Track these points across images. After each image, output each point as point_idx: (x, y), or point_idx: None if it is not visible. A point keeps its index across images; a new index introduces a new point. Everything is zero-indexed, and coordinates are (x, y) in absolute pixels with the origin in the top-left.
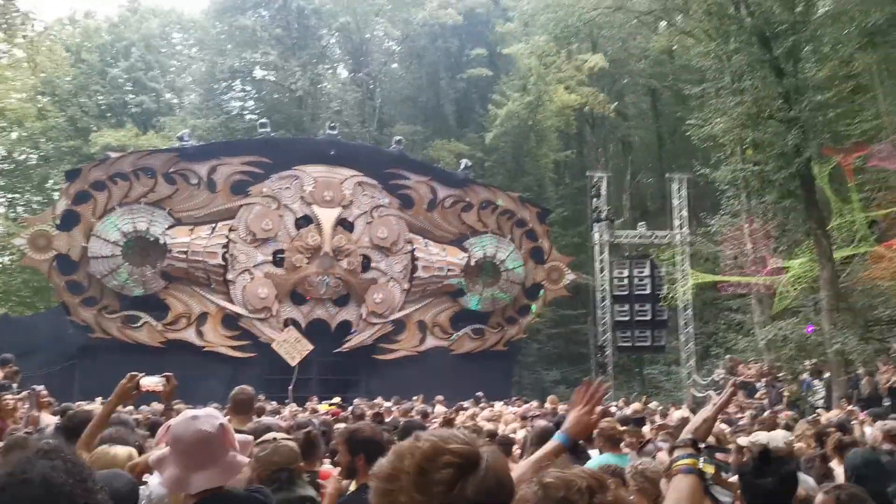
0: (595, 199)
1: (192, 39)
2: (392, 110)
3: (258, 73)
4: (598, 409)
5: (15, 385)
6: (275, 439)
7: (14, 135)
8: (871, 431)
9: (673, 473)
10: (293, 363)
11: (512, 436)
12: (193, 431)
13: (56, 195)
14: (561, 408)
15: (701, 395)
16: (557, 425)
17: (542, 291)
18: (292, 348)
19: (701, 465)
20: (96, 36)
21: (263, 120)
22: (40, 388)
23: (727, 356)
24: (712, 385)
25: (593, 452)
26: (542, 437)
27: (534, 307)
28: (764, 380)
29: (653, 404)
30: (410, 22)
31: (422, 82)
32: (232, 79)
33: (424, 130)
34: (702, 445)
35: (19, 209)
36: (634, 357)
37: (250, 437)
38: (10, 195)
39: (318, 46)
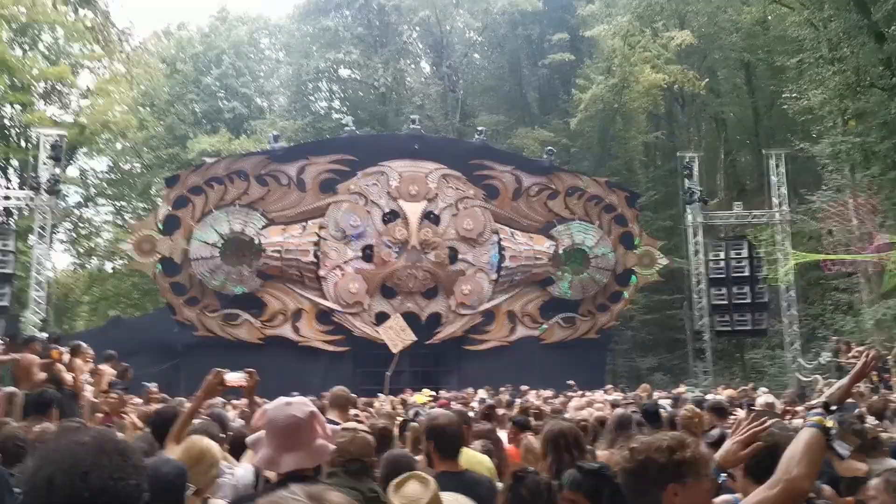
0: (687, 180)
1: (278, 44)
2: (475, 101)
3: (343, 72)
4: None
5: (125, 383)
6: (355, 430)
7: (118, 146)
8: None
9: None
10: (395, 350)
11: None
12: (286, 416)
13: (159, 201)
14: (656, 395)
15: (807, 379)
16: (644, 413)
17: (634, 277)
18: (396, 336)
19: (826, 422)
20: (189, 46)
21: (348, 118)
22: (152, 385)
23: (834, 338)
24: (818, 368)
25: None
26: (621, 424)
27: (625, 293)
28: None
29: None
30: (490, 11)
31: (503, 71)
32: (318, 80)
33: (508, 120)
34: (833, 407)
35: (126, 216)
36: (734, 342)
37: (338, 427)
38: (117, 203)
39: (399, 42)
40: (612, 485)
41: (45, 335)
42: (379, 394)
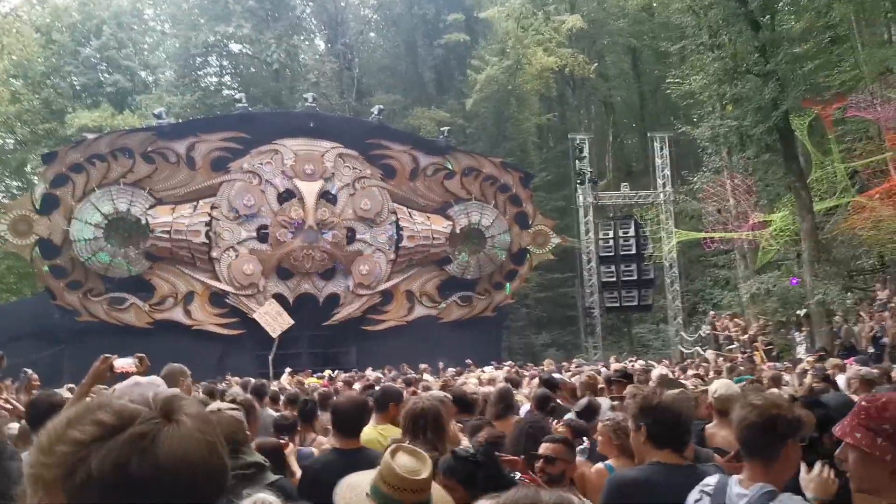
0: (578, 162)
1: (164, 15)
2: (371, 80)
3: (234, 47)
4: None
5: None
6: (219, 410)
7: None
8: (843, 379)
9: None
10: (274, 335)
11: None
12: (136, 397)
13: (35, 179)
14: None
15: (688, 351)
16: (545, 384)
17: (527, 255)
18: (273, 320)
19: None
20: (66, 15)
21: (240, 95)
22: (30, 371)
23: (712, 312)
24: (699, 341)
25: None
26: (503, 398)
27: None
28: (748, 334)
29: (638, 363)
30: None
31: (399, 50)
32: (207, 54)
33: (404, 99)
34: None
35: (0, 195)
36: (623, 317)
37: None
38: None
39: (292, 17)
40: (485, 468)
41: None
42: (271, 379)
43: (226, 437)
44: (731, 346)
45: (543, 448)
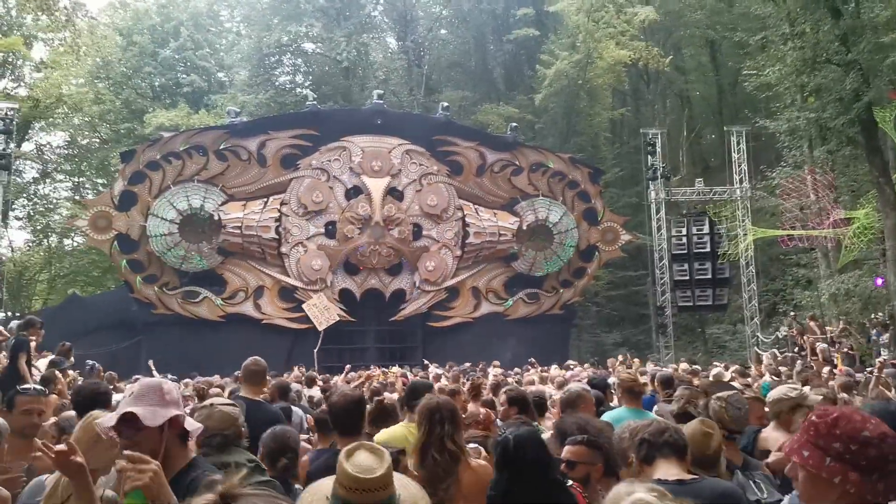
0: (650, 157)
1: (238, 16)
2: (440, 76)
3: (306, 46)
4: None
5: (69, 361)
6: (212, 405)
7: (76, 120)
8: None
9: None
10: (320, 328)
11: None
12: (153, 380)
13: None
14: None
15: (765, 353)
16: (594, 386)
17: (596, 253)
18: (321, 314)
19: None
20: (146, 18)
21: (309, 93)
22: (96, 364)
23: (792, 313)
24: (777, 343)
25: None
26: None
27: (589, 269)
28: (829, 336)
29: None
30: None
31: (469, 46)
32: (280, 53)
33: (473, 95)
34: None
35: (85, 192)
36: (696, 317)
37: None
38: (75, 178)
39: (362, 15)
40: (503, 445)
41: None
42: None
43: (217, 432)
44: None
45: (566, 451)
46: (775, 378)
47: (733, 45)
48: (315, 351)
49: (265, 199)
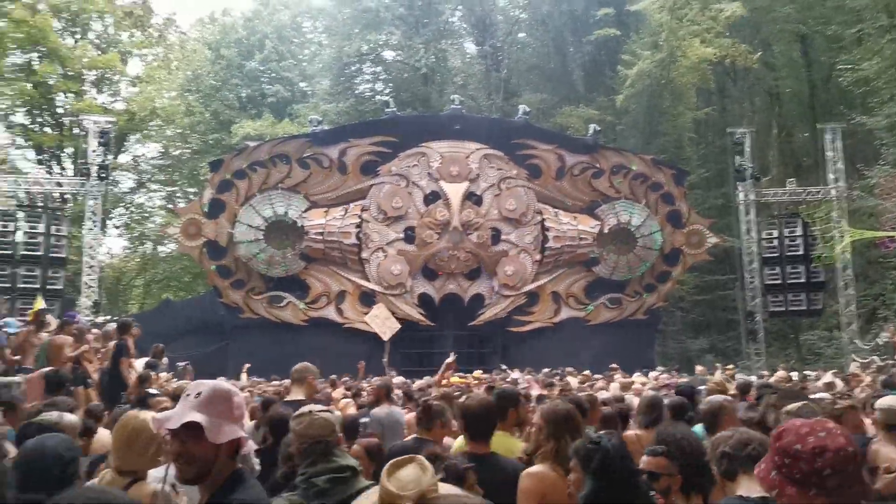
0: (738, 157)
1: (320, 27)
2: (519, 80)
3: (386, 54)
4: None
5: (162, 363)
6: (311, 412)
7: (168, 132)
8: None
9: None
10: (385, 338)
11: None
12: (222, 385)
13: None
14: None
15: (864, 360)
16: (680, 393)
17: (681, 256)
18: (383, 324)
19: None
20: (233, 32)
21: (388, 100)
22: (189, 365)
23: (890, 318)
24: (877, 350)
25: None
26: (650, 407)
27: (673, 273)
28: None
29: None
30: None
31: (548, 49)
32: (361, 62)
33: (552, 98)
34: None
35: (177, 200)
36: (789, 322)
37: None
38: (168, 188)
39: (440, 22)
40: (603, 451)
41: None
42: (391, 373)
43: (316, 439)
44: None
45: (645, 462)
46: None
47: (826, 39)
48: (384, 361)
49: (346, 206)
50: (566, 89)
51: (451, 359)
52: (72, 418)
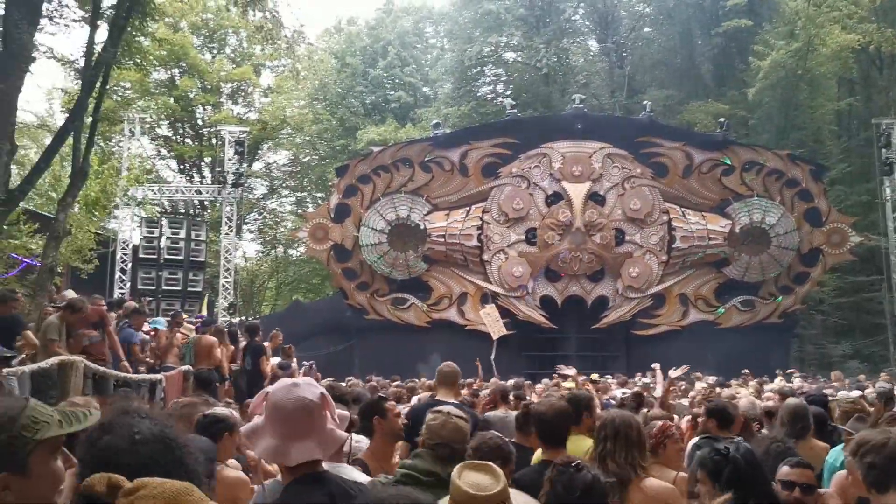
0: (884, 150)
1: (442, 31)
2: (643, 76)
3: (508, 55)
4: None
5: (293, 363)
6: (448, 413)
7: (298, 140)
8: None
9: None
10: (495, 337)
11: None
12: (294, 398)
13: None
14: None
15: None
16: (813, 402)
17: (821, 257)
18: (494, 324)
19: None
20: (357, 40)
21: (509, 101)
22: (313, 365)
23: None
24: None
25: None
26: (794, 415)
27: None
28: None
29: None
30: None
31: (674, 43)
32: (482, 64)
33: (678, 94)
34: None
35: (307, 205)
36: None
37: (346, 413)
38: (298, 194)
39: (562, 21)
40: (734, 462)
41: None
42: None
43: (446, 442)
44: None
45: (791, 474)
46: None
47: None
48: (492, 359)
49: (467, 208)
50: (693, 84)
51: (570, 372)
52: (237, 415)
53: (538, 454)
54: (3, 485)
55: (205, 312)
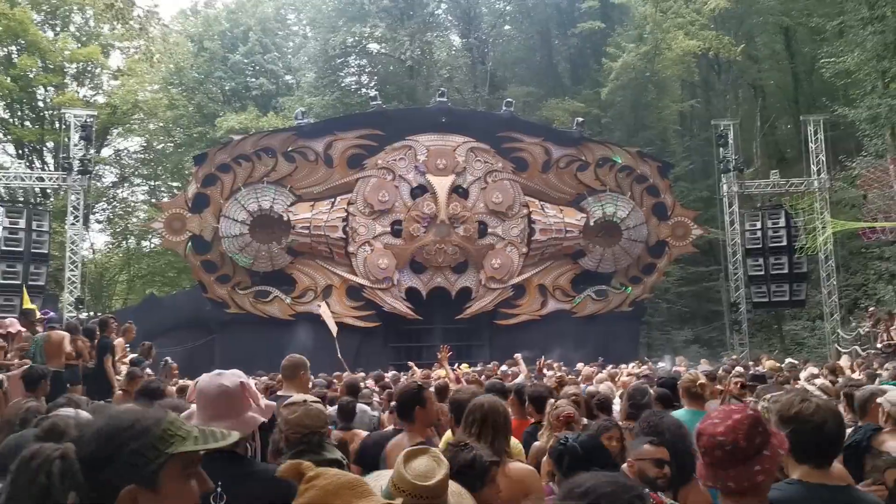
0: (722, 149)
1: (305, 19)
2: (505, 73)
3: (372, 46)
4: None
5: (149, 361)
6: (305, 402)
7: (151, 126)
8: None
9: None
10: (334, 334)
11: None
12: (216, 386)
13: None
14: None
15: (846, 350)
16: (662, 385)
17: (666, 248)
18: (330, 321)
19: None
20: (216, 24)
21: (374, 93)
22: (170, 360)
23: (871, 308)
24: (858, 339)
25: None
26: (632, 396)
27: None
28: None
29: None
30: None
31: (534, 42)
32: (346, 55)
33: (538, 91)
34: None
35: (161, 195)
36: (773, 313)
37: (273, 403)
38: (151, 182)
39: (425, 14)
40: (570, 452)
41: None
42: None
43: (311, 430)
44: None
45: (647, 452)
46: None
47: (809, 31)
48: (339, 357)
49: (332, 200)
50: (552, 82)
51: (444, 353)
52: (87, 415)
53: (447, 437)
54: (131, 497)
55: (29, 307)
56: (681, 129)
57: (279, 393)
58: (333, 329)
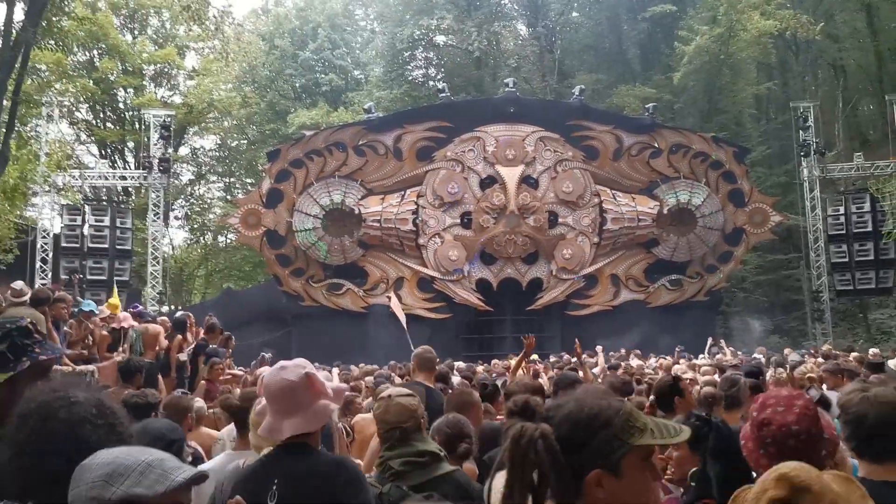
0: (802, 132)
1: (372, 14)
2: (573, 61)
3: (438, 38)
4: None
5: (228, 351)
6: (389, 396)
7: (226, 124)
8: None
9: None
10: (405, 325)
11: None
12: (279, 380)
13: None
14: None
15: None
16: (748, 374)
17: (743, 236)
18: (400, 313)
19: None
20: (286, 22)
21: (442, 85)
22: (268, 355)
23: None
24: None
25: None
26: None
27: (736, 253)
28: None
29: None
30: None
31: (602, 28)
32: (413, 48)
33: (607, 78)
34: None
35: (236, 191)
36: (857, 302)
37: (344, 385)
38: (226, 179)
39: (493, 4)
40: (716, 428)
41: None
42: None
43: (394, 425)
44: None
45: None
46: None
47: (893, 6)
48: (412, 348)
49: (402, 192)
50: (622, 69)
51: (530, 342)
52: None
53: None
54: (597, 480)
55: (114, 301)
56: (756, 113)
57: (418, 380)
58: (403, 320)
